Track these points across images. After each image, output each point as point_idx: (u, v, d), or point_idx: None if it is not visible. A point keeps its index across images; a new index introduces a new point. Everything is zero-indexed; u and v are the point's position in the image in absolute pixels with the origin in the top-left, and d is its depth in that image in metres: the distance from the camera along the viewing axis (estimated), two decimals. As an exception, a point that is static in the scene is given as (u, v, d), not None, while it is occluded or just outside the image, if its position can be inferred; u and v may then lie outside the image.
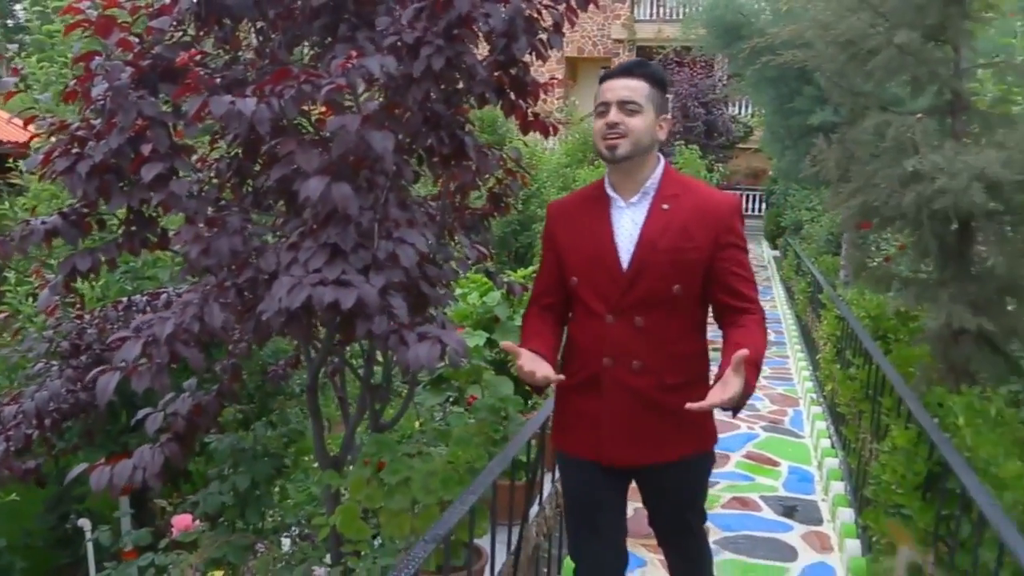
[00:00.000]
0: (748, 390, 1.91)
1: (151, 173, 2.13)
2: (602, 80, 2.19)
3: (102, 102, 2.30)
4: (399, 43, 2.32)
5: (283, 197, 2.76)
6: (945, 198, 2.81)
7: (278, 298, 1.94)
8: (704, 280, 2.12)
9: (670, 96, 2.41)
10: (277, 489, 4.44)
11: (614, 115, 2.09)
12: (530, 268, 7.39)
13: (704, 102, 19.02)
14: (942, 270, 3.44)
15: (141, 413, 2.42)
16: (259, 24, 2.82)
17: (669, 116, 2.24)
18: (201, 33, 2.77)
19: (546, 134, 3.26)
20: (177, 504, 4.18)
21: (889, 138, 3.05)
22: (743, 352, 1.84)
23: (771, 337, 9.45)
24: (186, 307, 2.09)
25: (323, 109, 3.03)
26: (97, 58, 2.43)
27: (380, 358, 3.50)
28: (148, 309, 3.25)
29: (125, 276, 5.06)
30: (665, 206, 2.13)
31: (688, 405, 1.89)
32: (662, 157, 2.23)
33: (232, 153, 2.82)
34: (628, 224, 2.14)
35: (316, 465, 5.05)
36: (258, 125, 1.98)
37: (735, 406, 1.92)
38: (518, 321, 4.78)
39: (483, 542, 2.95)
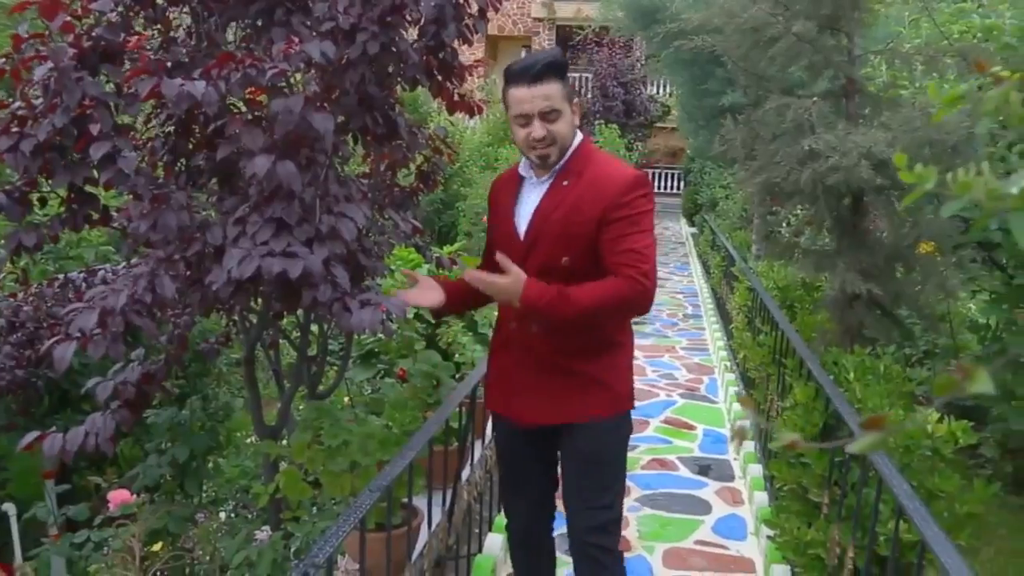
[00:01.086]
0: (525, 302, 2.04)
1: (100, 151, 2.21)
2: (510, 82, 2.16)
3: (45, 82, 2.36)
4: (336, 28, 2.44)
5: (218, 175, 2.87)
6: (837, 175, 3.10)
7: (229, 268, 2.07)
8: (596, 254, 2.14)
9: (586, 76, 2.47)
10: (211, 465, 4.53)
11: (539, 129, 2.12)
12: (456, 245, 7.56)
13: (623, 82, 19.36)
14: (838, 241, 3.76)
15: (91, 382, 2.51)
16: (193, 5, 2.89)
17: (577, 98, 2.29)
18: (131, 13, 2.83)
19: (471, 114, 3.43)
20: (112, 481, 4.22)
21: (789, 119, 3.33)
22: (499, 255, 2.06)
23: (688, 311, 9.89)
24: (137, 279, 2.19)
25: (251, 89, 3.13)
26: (28, 41, 2.49)
27: (315, 330, 3.63)
28: (85, 286, 3.30)
29: (46, 256, 5.02)
30: (566, 182, 2.18)
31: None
32: (579, 133, 2.27)
33: (165, 133, 2.91)
34: (533, 199, 2.23)
35: (249, 440, 5.14)
36: (207, 107, 2.10)
37: (507, 299, 2.08)
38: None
39: (420, 503, 3.14)
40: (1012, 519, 4.10)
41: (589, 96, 19.08)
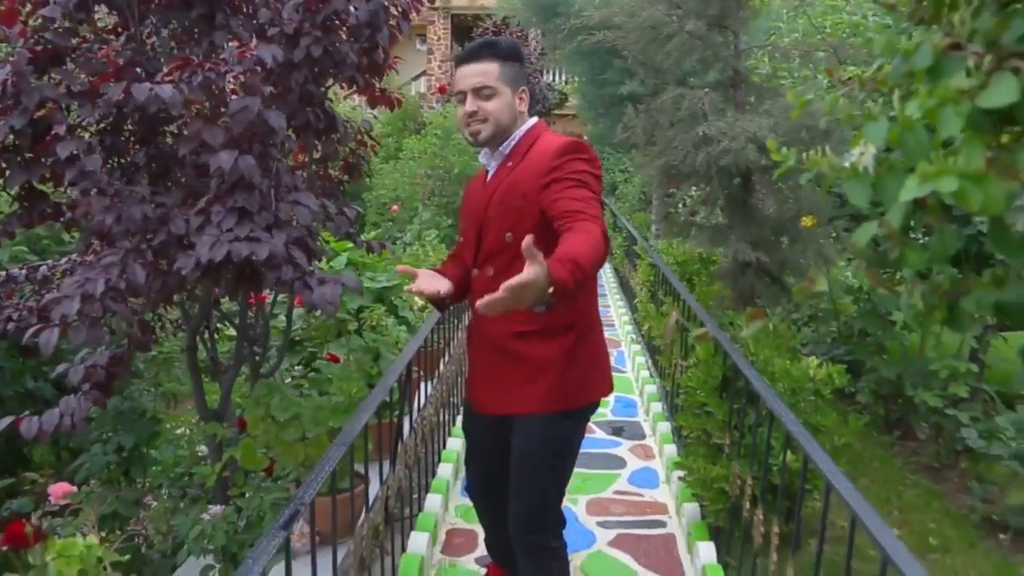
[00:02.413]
0: (557, 284, 1.74)
1: (66, 151, 2.38)
2: (456, 65, 2.25)
3: (3, 86, 2.50)
4: (280, 33, 2.67)
5: (152, 171, 3.03)
6: (728, 157, 3.52)
7: (201, 253, 2.29)
8: (543, 227, 2.07)
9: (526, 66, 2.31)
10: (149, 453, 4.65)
11: (470, 104, 2.17)
12: (372, 234, 7.77)
13: (522, 71, 19.68)
14: (730, 216, 4.20)
15: (61, 367, 2.67)
16: (132, 8, 3.05)
17: (526, 87, 2.28)
18: (63, 13, 2.97)
19: (392, 107, 3.69)
20: (48, 475, 4.32)
21: (684, 108, 3.73)
22: (528, 238, 1.70)
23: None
24: (108, 268, 2.38)
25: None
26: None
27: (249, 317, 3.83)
28: (27, 280, 3.41)
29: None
30: (510, 163, 2.21)
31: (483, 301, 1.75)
32: (532, 119, 2.29)
33: (99, 131, 3.05)
34: (490, 183, 2.28)
35: (179, 431, 5.27)
36: (171, 108, 2.30)
37: (543, 300, 1.76)
38: (367, 284, 5.21)
39: (363, 473, 3.39)
40: (883, 454, 4.68)
41: (527, 88, 19.33)
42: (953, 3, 1.17)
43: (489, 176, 2.29)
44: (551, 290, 1.74)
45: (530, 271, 1.70)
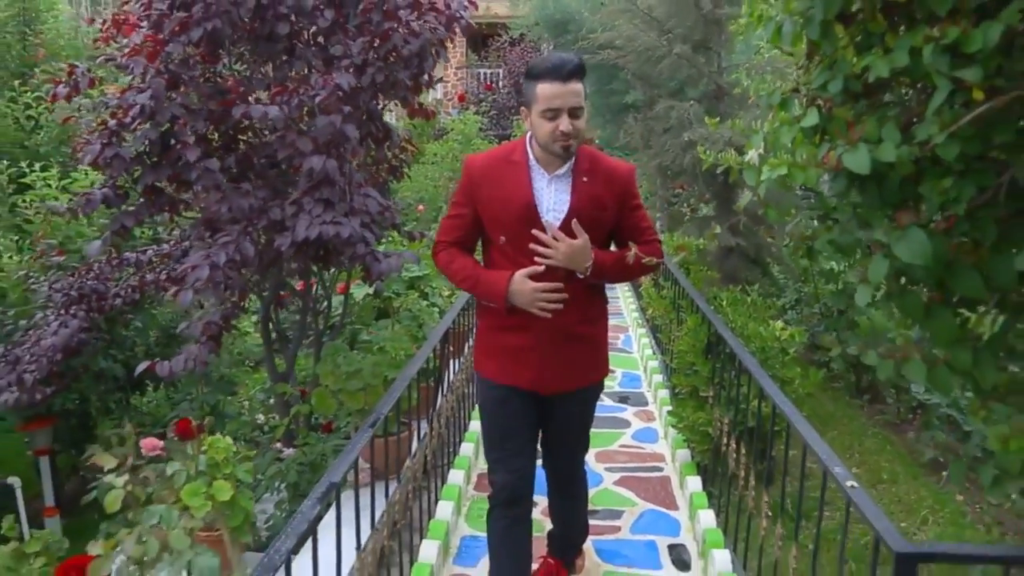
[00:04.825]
0: (598, 266, 2.40)
1: (194, 155, 3.14)
2: (541, 78, 2.31)
3: (140, 105, 3.24)
4: (351, 63, 3.42)
5: (232, 173, 3.76)
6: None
7: (298, 233, 3.03)
8: (610, 234, 2.55)
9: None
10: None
11: (566, 124, 2.30)
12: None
13: (534, 78, 20.35)
14: (716, 209, 4.92)
15: (183, 325, 3.43)
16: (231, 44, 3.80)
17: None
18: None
19: (427, 119, 4.43)
20: (138, 432, 5.07)
21: (673, 118, 4.45)
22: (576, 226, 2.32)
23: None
24: (226, 245, 3.12)
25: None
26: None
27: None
28: (136, 264, 4.18)
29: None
30: (585, 179, 2.44)
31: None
32: None
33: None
34: (552, 192, 2.44)
35: (243, 402, 6.01)
36: (276, 123, 3.05)
37: (582, 267, 2.38)
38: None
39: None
40: (851, 413, 5.38)
41: (504, 92, 20.04)
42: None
43: (555, 183, 2.46)
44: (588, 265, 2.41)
45: (577, 242, 2.37)
